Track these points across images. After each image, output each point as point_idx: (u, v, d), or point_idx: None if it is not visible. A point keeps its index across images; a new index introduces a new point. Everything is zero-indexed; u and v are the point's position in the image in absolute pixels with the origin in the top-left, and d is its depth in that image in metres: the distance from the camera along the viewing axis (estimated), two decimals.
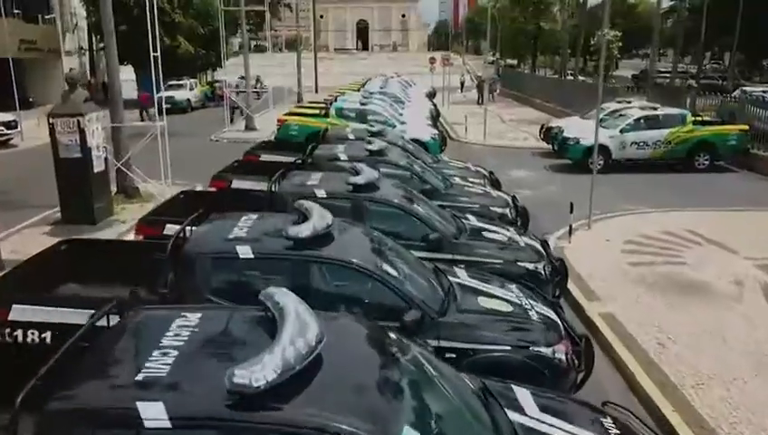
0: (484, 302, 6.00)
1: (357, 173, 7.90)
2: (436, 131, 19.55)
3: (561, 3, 65.33)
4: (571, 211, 11.47)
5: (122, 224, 11.47)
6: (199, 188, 15.07)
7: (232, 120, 27.35)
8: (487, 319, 5.74)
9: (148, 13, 12.83)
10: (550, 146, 21.10)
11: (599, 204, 13.10)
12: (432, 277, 6.29)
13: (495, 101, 39.31)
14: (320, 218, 5.69)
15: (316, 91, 49.02)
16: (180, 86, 35.59)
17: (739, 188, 16.24)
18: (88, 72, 41.82)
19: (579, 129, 19.33)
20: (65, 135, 10.74)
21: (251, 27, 63.93)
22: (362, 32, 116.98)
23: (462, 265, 7.03)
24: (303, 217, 5.80)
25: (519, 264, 7.54)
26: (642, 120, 17.99)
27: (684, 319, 8.12)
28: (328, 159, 10.13)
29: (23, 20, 33.81)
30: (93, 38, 41.03)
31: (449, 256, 7.35)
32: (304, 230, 5.51)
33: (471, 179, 12.26)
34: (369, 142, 10.51)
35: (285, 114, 19.91)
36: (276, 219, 6.13)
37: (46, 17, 36.88)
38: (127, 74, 41.27)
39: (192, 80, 37.06)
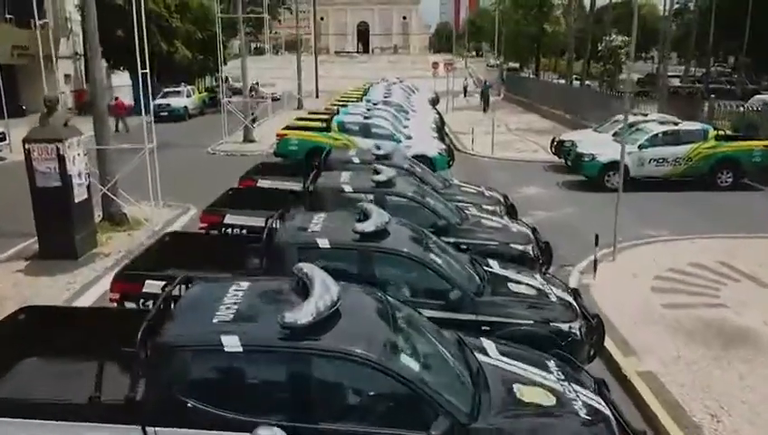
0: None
1: (365, 215, 6.94)
2: (443, 146, 18.62)
3: (564, 6, 64.59)
4: (597, 244, 10.52)
5: (106, 258, 10.51)
6: (192, 207, 14.31)
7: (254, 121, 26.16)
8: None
9: (135, 15, 11.78)
10: (561, 160, 20.18)
11: (619, 229, 12.20)
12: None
13: (494, 109, 38.37)
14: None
15: (317, 96, 48.09)
16: (177, 93, 34.67)
17: (767, 208, 15.33)
18: (83, 78, 40.87)
19: (593, 143, 18.40)
20: (42, 162, 9.80)
21: (251, 29, 63.12)
22: (363, 34, 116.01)
23: (486, 327, 6.40)
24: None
25: (552, 324, 6.64)
26: (662, 136, 17.04)
27: (735, 380, 7.18)
28: (331, 191, 9.18)
29: (15, 25, 32.86)
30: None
31: (471, 317, 6.50)
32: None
33: (486, 206, 11.33)
34: (376, 172, 9.56)
35: (285, 128, 18.97)
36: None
37: (39, 22, 35.87)
38: (124, 80, 40.85)
39: (189, 86, 36.11)
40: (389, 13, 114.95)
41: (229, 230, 8.94)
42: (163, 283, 6.09)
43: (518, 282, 7.26)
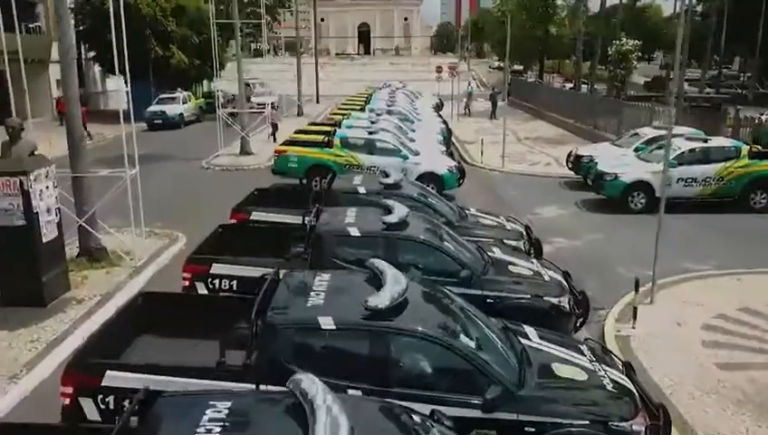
0: None
1: (377, 281, 5.72)
2: (453, 163, 17.34)
3: (569, 8, 63.36)
4: (637, 290, 9.26)
5: (78, 305, 9.21)
6: (182, 236, 13.03)
7: (274, 139, 25.12)
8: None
9: (112, 16, 10.56)
10: (578, 175, 18.93)
11: (652, 259, 11.02)
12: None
13: (500, 116, 37.05)
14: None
15: (317, 101, 46.77)
16: (172, 99, 33.35)
17: None
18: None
19: (614, 159, 17.12)
20: (4, 198, 8.53)
21: (250, 30, 61.77)
22: (364, 35, 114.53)
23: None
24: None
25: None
26: (690, 153, 15.75)
27: None
28: (336, 236, 7.94)
29: (5, 29, 31.56)
30: (82, 47, 38.78)
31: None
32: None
33: (508, 241, 10.09)
34: (386, 209, 8.32)
35: (283, 143, 17.68)
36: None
37: (30, 26, 34.67)
38: (120, 84, 39.52)
39: (185, 92, 34.78)
40: (391, 14, 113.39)
41: (217, 282, 7.71)
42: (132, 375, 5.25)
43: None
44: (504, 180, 20.24)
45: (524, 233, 10.79)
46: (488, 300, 7.61)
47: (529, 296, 7.79)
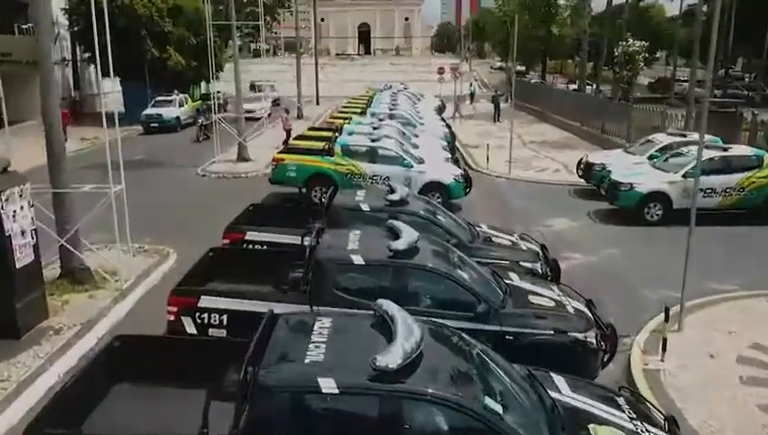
0: None
1: (388, 332, 5.01)
2: (460, 171, 16.56)
3: (571, 8, 62.61)
4: (666, 319, 8.49)
5: (55, 336, 8.41)
6: (173, 253, 12.22)
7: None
8: None
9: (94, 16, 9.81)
10: (590, 183, 18.16)
11: (675, 280, 10.27)
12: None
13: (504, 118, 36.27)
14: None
15: (317, 103, 45.98)
16: (169, 102, 32.57)
17: None
18: (72, 85, 38.88)
19: (628, 168, 16.33)
20: None
21: (250, 31, 60.94)
22: (364, 35, 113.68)
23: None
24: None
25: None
26: (709, 163, 14.91)
27: None
28: (338, 264, 7.18)
29: None
30: (77, 48, 38.01)
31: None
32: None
33: (524, 263, 9.35)
34: (394, 233, 7.57)
35: (281, 151, 16.89)
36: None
37: (23, 27, 33.87)
38: (117, 86, 38.70)
39: (182, 95, 33.97)
40: (391, 14, 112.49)
41: (206, 316, 6.94)
42: None
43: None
44: (511, 188, 19.46)
45: (540, 253, 10.00)
46: (507, 337, 6.96)
47: (552, 332, 7.05)
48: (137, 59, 33.45)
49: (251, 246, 9.45)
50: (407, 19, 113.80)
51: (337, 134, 18.28)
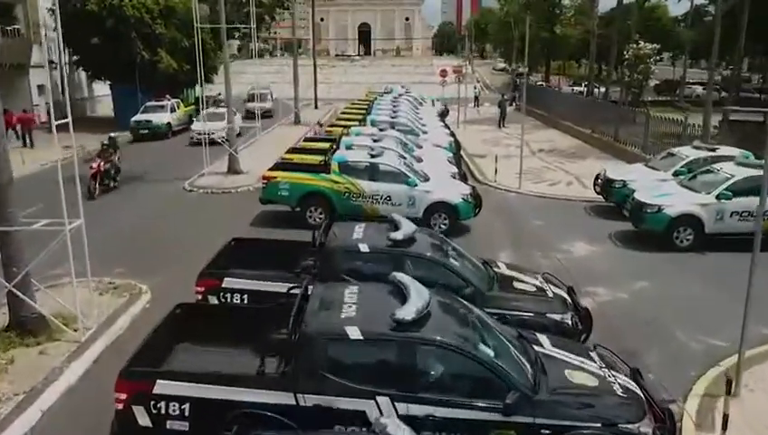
0: None
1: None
2: (468, 189, 15.13)
3: (576, 8, 61.27)
4: (729, 391, 7.04)
5: None
6: (147, 290, 10.76)
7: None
8: None
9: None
10: (607, 199, 16.75)
11: (718, 319, 8.83)
12: None
13: (509, 122, 34.86)
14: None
15: (315, 107, 44.51)
16: (160, 108, 31.13)
17: None
18: (60, 89, 37.39)
19: (653, 187, 14.87)
20: None
21: (247, 31, 59.24)
22: (364, 36, 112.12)
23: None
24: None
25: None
26: (745, 182, 13.49)
27: None
28: (329, 339, 5.76)
29: None
30: (65, 51, 36.50)
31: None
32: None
33: (551, 315, 7.94)
34: (400, 293, 6.16)
35: (273, 168, 15.46)
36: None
37: (8, 28, 32.43)
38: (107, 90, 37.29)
39: (173, 100, 32.50)
40: (392, 14, 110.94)
41: (161, 406, 5.52)
42: None
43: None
44: (522, 204, 18.03)
45: (569, 299, 8.57)
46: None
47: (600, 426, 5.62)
48: (127, 62, 32.03)
49: (229, 297, 8.06)
50: (407, 19, 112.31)
51: (334, 146, 16.89)
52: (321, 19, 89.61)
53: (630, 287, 11.68)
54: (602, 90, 44.90)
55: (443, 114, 34.73)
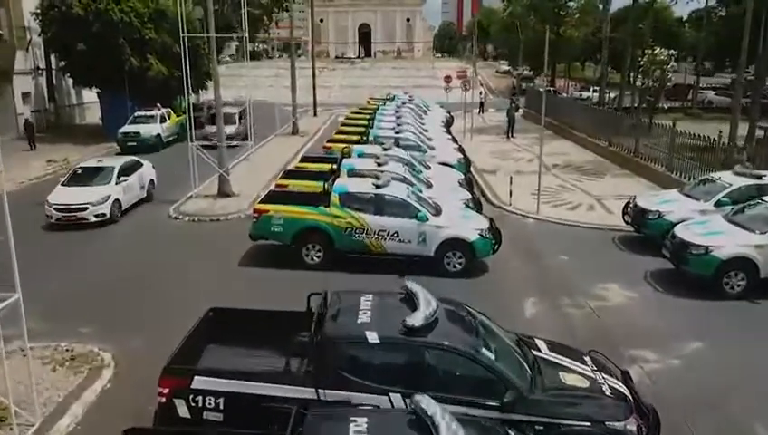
0: None
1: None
2: (486, 224, 13.38)
3: (582, 7, 59.63)
4: None
5: None
6: (110, 359, 8.88)
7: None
8: None
9: None
10: (639, 231, 15.03)
11: None
12: None
13: (518, 131, 33.08)
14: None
15: (314, 114, 42.69)
16: (149, 118, 29.34)
17: None
18: (46, 96, 35.66)
19: (695, 223, 13.08)
20: None
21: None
22: (364, 37, 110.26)
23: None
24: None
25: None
26: None
27: None
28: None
29: None
30: (52, 56, 34.80)
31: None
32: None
33: (612, 423, 6.27)
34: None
35: (264, 199, 13.71)
36: None
37: None
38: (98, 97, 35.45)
39: (164, 109, 30.72)
40: (392, 15, 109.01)
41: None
42: None
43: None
44: (542, 234, 16.28)
45: (628, 394, 6.84)
46: None
47: None
48: (115, 69, 30.26)
49: (200, 401, 6.33)
50: (408, 20, 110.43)
51: (335, 167, 15.19)
52: (321, 20, 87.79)
53: (682, 350, 9.94)
54: (612, 95, 43.21)
55: (448, 123, 33.00)
